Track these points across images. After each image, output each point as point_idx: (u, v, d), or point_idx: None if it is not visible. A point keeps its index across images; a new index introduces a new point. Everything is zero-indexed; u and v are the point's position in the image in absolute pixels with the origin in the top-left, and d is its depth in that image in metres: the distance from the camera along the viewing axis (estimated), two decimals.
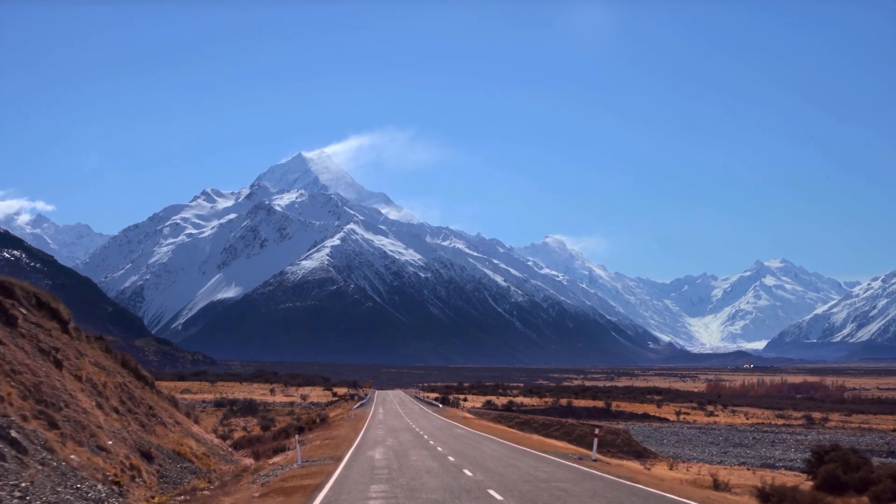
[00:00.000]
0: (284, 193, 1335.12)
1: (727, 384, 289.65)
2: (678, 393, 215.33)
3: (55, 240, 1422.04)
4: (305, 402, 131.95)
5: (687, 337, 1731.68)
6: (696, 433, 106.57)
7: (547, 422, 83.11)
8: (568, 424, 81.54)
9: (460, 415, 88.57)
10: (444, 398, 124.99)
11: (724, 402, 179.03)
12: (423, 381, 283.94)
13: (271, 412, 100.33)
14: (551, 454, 39.29)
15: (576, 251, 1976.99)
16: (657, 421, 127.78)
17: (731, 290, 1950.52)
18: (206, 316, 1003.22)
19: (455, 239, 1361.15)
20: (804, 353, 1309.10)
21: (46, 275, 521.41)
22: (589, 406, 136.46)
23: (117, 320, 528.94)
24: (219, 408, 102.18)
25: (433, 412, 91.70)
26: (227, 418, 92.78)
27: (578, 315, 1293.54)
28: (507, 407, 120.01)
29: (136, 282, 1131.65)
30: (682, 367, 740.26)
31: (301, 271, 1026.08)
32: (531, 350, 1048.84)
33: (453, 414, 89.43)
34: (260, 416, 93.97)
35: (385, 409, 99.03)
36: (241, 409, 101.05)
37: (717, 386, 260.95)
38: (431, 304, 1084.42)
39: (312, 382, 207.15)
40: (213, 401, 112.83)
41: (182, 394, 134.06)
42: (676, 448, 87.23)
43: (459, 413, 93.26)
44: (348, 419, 74.78)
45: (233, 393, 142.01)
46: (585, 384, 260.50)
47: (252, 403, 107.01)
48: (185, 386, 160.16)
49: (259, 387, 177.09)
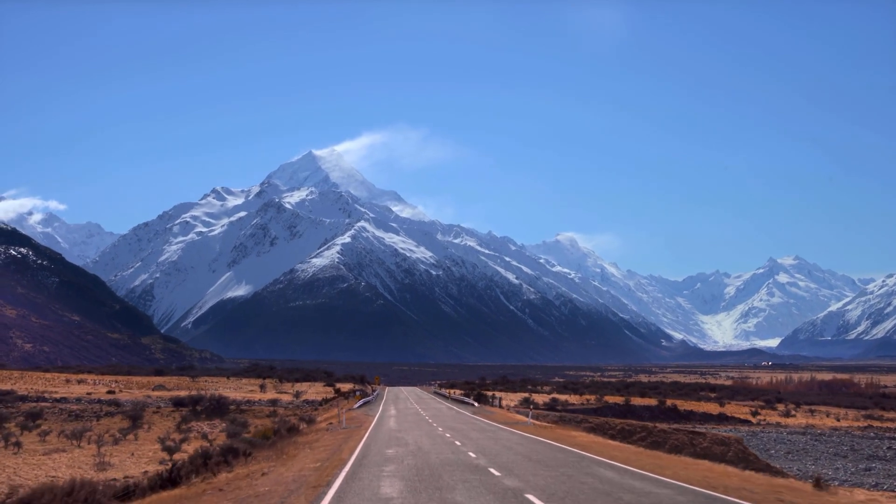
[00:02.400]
0: (294, 191, 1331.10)
1: (753, 381, 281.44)
2: (734, 390, 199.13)
3: (66, 238, 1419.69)
4: (299, 399, 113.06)
5: (700, 335, 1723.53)
6: (804, 440, 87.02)
7: (628, 427, 63.95)
8: (657, 431, 63.04)
9: (519, 419, 60.32)
10: (480, 395, 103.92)
11: (792, 401, 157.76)
12: (436, 378, 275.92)
13: (247, 413, 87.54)
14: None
15: (588, 249, 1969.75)
16: (737, 423, 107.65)
17: (743, 287, 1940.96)
18: (215, 314, 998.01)
19: (466, 236, 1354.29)
20: (819, 350, 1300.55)
21: (53, 272, 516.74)
22: (649, 405, 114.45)
23: (124, 318, 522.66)
24: (178, 408, 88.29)
25: (474, 415, 65.22)
26: (187, 421, 79.65)
27: (591, 313, 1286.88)
28: (550, 406, 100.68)
29: (146, 280, 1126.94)
30: (699, 364, 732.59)
31: (311, 269, 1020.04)
32: (544, 348, 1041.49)
33: (507, 417, 63.14)
34: (230, 417, 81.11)
35: (399, 409, 76.26)
36: (208, 410, 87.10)
37: (743, 383, 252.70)
38: (443, 302, 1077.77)
39: (313, 377, 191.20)
40: (171, 399, 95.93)
41: (154, 391, 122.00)
42: (793, 461, 68.60)
43: (511, 415, 68.19)
44: (336, 428, 50.69)
45: (214, 390, 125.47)
46: (627, 381, 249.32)
47: (221, 402, 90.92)
48: (160, 381, 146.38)
49: (249, 382, 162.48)
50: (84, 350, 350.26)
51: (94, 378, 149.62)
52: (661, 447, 49.27)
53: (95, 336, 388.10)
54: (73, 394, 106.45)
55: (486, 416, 62.82)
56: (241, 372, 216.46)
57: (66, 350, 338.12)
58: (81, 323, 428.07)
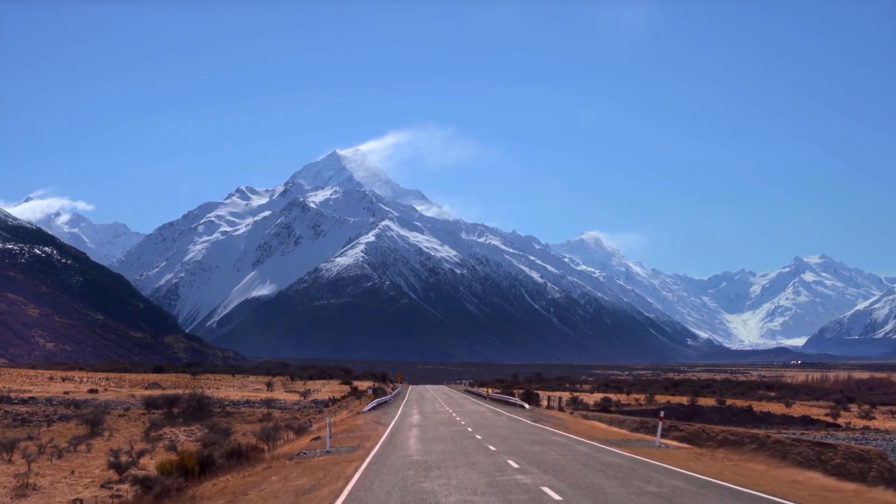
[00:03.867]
0: (319, 190, 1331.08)
1: (789, 380, 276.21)
2: (794, 389, 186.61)
3: (93, 239, 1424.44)
4: (306, 399, 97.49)
5: (725, 334, 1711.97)
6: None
7: (732, 436, 50.34)
8: (771, 441, 48.84)
9: (615, 432, 44.68)
10: (528, 393, 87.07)
11: (864, 401, 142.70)
12: (461, 377, 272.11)
13: (234, 416, 75.68)
14: None
15: (612, 248, 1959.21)
16: (823, 426, 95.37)
17: (769, 286, 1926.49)
18: (240, 313, 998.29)
19: (491, 235, 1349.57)
20: (846, 349, 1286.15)
21: (78, 271, 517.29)
22: (717, 406, 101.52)
23: (148, 317, 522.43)
24: (151, 409, 76.35)
25: (536, 423, 49.35)
26: (159, 427, 69.28)
27: (616, 312, 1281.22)
28: (602, 406, 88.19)
29: (171, 280, 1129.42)
30: (727, 363, 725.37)
31: (335, 268, 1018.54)
32: (569, 347, 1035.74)
33: (591, 428, 46.14)
34: (211, 422, 70.34)
35: (425, 413, 61.90)
36: (186, 413, 75.01)
37: (779, 382, 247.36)
38: (467, 301, 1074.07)
39: (329, 375, 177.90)
40: (142, 399, 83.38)
41: (147, 389, 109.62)
42: None
43: (593, 423, 52.29)
44: (312, 453, 33.20)
45: (217, 388, 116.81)
46: (675, 377, 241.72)
47: (203, 404, 77.94)
48: (157, 379, 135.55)
49: (256, 380, 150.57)
50: (106, 349, 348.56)
51: (85, 375, 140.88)
52: (783, 462, 34.05)
53: (118, 335, 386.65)
54: (49, 393, 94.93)
55: (558, 427, 45.24)
56: (251, 369, 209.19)
57: (88, 349, 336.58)
58: (105, 322, 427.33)
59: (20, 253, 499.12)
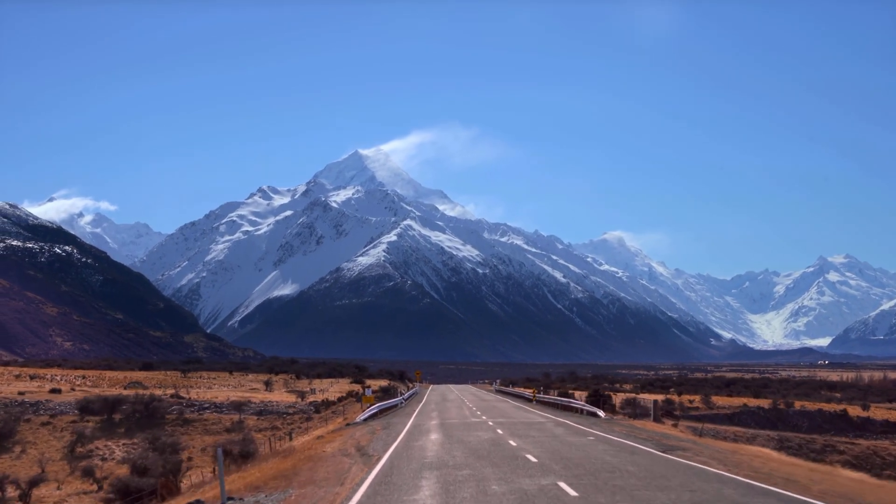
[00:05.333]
0: (340, 190, 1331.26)
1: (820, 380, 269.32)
2: (860, 389, 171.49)
3: (115, 239, 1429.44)
4: (304, 401, 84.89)
5: (749, 334, 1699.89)
6: None
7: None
8: None
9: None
10: (597, 394, 70.17)
11: None
12: (485, 377, 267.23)
13: (193, 425, 62.57)
14: None
15: (635, 248, 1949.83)
16: None
17: (793, 286, 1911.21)
18: (262, 313, 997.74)
19: (513, 235, 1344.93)
20: (871, 349, 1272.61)
21: (98, 270, 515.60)
22: (805, 411, 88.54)
23: (168, 316, 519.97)
24: (86, 416, 62.66)
25: (678, 457, 29.05)
26: (91, 439, 55.76)
27: (639, 311, 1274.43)
28: (666, 409, 73.99)
29: (193, 279, 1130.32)
30: (753, 363, 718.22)
31: (357, 268, 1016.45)
32: (592, 346, 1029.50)
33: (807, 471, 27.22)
34: (155, 434, 54.50)
35: (448, 425, 46.27)
36: (131, 420, 61.48)
37: (841, 382, 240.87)
38: (490, 301, 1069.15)
39: (340, 373, 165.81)
40: (76, 403, 67.70)
41: (127, 388, 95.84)
42: None
43: (765, 451, 36.38)
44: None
45: (207, 388, 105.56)
46: (729, 376, 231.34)
47: (153, 409, 63.60)
48: (142, 377, 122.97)
49: (256, 378, 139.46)
50: (124, 348, 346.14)
51: (61, 373, 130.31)
52: None
53: (137, 334, 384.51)
54: (1, 393, 79.61)
55: (724, 464, 26.95)
56: (254, 367, 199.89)
57: (106, 348, 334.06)
58: (124, 321, 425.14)
59: (40, 252, 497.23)
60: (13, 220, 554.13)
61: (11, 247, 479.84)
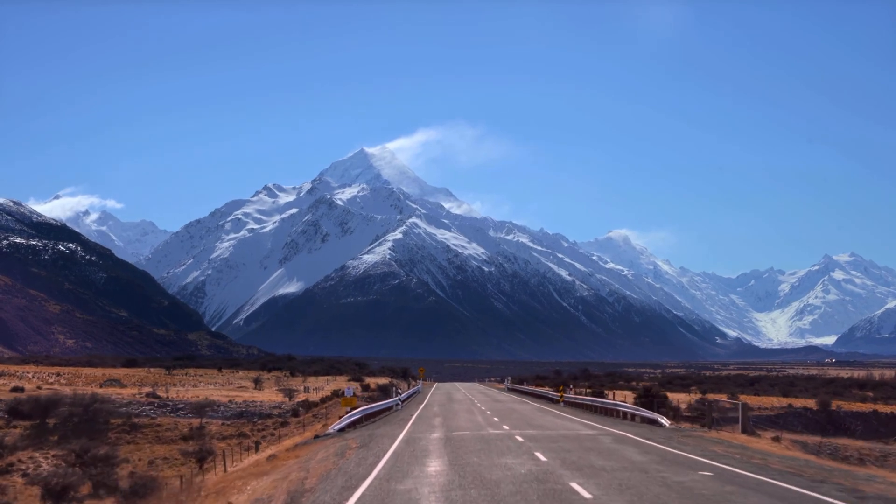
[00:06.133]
0: (346, 188, 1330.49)
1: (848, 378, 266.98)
2: (892, 386, 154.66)
3: (120, 237, 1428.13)
4: (291, 401, 77.09)
5: (754, 332, 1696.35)
6: None
7: None
8: None
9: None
10: (649, 396, 58.01)
11: None
12: (491, 375, 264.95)
13: (143, 431, 55.10)
14: None
15: (641, 246, 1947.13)
16: None
17: (798, 284, 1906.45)
18: (267, 311, 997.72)
19: (518, 233, 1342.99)
20: (877, 348, 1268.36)
21: (102, 268, 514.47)
22: (858, 412, 78.84)
23: (173, 314, 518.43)
24: (13, 420, 54.34)
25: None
26: (13, 449, 44.59)
27: (644, 310, 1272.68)
28: (700, 409, 56.35)
29: (198, 277, 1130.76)
30: (759, 361, 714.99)
31: (363, 265, 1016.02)
32: (597, 345, 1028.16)
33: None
34: (94, 443, 42.11)
35: (457, 445, 31.70)
36: (67, 425, 51.83)
37: (870, 380, 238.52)
38: (495, 299, 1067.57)
39: (339, 370, 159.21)
40: (5, 405, 58.40)
41: (102, 387, 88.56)
42: None
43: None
44: None
45: (192, 386, 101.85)
46: (751, 374, 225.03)
47: (94, 413, 53.00)
48: (123, 374, 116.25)
49: (246, 376, 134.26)
50: (127, 345, 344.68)
51: (37, 370, 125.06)
52: None
53: (140, 332, 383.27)
54: None
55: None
56: (246, 364, 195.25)
57: (108, 346, 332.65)
58: (128, 319, 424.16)
59: (44, 249, 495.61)
60: (17, 217, 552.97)
61: (15, 244, 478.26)
